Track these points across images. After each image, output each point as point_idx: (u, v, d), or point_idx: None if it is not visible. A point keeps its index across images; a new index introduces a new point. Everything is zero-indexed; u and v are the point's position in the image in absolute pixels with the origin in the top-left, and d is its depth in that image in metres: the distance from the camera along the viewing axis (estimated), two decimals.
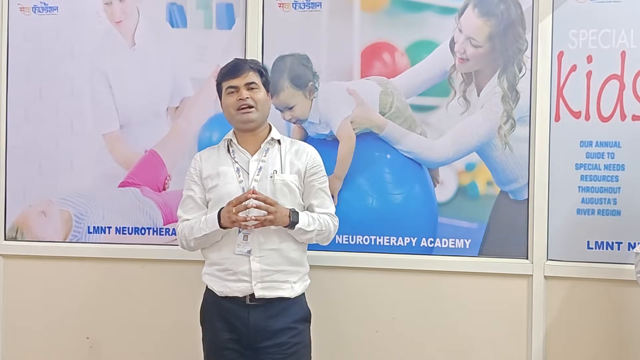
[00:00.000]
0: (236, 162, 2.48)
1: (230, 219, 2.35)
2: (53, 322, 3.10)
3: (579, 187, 2.76)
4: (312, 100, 2.93)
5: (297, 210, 2.43)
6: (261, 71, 2.51)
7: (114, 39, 3.06)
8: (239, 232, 2.41)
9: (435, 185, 2.87)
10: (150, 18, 3.04)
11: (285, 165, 2.47)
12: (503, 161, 2.82)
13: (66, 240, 3.09)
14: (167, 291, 3.01)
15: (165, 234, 3.04)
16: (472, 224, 2.84)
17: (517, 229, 2.80)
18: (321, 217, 2.47)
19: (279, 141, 2.52)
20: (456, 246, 2.86)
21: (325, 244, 2.54)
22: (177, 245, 2.95)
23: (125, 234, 3.07)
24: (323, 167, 2.55)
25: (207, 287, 2.52)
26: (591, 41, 2.74)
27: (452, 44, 2.84)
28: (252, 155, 2.49)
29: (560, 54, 2.76)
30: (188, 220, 2.51)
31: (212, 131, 2.99)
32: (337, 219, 2.55)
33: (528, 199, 2.79)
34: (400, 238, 2.88)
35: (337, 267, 2.89)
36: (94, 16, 3.07)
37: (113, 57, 3.06)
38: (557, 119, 2.77)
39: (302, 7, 2.95)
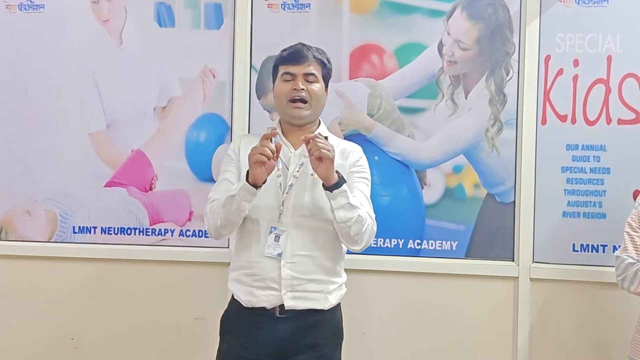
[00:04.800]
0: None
1: (253, 155, 2.07)
2: (37, 322, 3.06)
3: (565, 190, 2.78)
4: None
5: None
6: (324, 62, 2.30)
7: (101, 38, 3.03)
8: (270, 232, 2.22)
9: (422, 187, 2.87)
10: (138, 17, 3.02)
11: None
12: (490, 164, 2.83)
13: (51, 240, 3.05)
14: (153, 292, 2.99)
15: (152, 235, 3.02)
16: (459, 226, 2.85)
17: (504, 232, 2.82)
18: (364, 208, 2.22)
19: (326, 138, 2.22)
20: (443, 248, 2.87)
21: (357, 247, 2.24)
22: (163, 245, 2.99)
23: (111, 234, 3.04)
24: (367, 170, 2.35)
25: (232, 296, 2.31)
26: (578, 45, 2.76)
27: (441, 46, 2.84)
28: (295, 150, 2.30)
29: (547, 58, 2.78)
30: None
31: (199, 131, 2.97)
32: (376, 226, 2.29)
33: (515, 201, 2.81)
34: (387, 240, 2.88)
35: None
36: (81, 15, 3.03)
37: (100, 56, 3.03)
38: (544, 122, 2.79)
39: (291, 8, 2.94)
